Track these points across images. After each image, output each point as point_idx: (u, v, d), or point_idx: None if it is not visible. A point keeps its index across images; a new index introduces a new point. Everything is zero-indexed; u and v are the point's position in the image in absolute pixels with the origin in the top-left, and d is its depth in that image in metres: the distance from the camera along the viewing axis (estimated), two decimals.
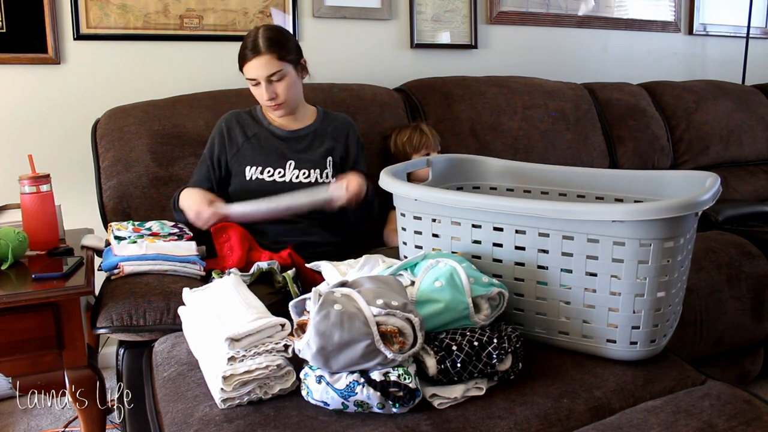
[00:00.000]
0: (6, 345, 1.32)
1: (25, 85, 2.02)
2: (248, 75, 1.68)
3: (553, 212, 1.08)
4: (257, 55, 1.64)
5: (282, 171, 1.72)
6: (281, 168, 1.72)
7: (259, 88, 1.68)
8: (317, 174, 1.73)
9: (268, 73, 1.65)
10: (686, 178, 1.31)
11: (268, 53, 1.64)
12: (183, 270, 1.52)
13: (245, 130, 1.75)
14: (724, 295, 1.76)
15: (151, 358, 1.23)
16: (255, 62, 1.64)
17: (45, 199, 1.57)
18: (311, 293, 0.96)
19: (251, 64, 1.65)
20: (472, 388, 1.00)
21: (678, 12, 3.20)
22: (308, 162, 1.74)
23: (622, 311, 1.08)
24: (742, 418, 0.98)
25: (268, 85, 1.66)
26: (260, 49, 1.64)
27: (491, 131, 2.30)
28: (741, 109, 2.87)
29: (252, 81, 1.68)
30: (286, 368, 1.00)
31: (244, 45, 1.68)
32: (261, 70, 1.65)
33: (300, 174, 1.72)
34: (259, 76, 1.65)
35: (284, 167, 1.72)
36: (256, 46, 1.64)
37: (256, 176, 1.71)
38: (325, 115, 1.83)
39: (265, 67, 1.64)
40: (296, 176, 1.72)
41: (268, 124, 1.77)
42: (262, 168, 1.71)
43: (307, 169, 1.73)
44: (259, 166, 1.71)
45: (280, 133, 1.76)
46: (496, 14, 2.72)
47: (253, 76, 1.66)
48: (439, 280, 1.04)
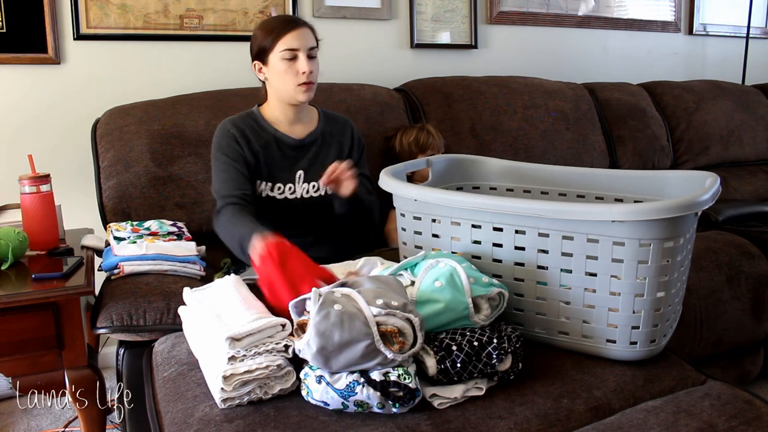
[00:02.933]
0: (6, 345, 1.32)
1: (25, 85, 2.02)
2: (289, 45, 1.56)
3: (552, 212, 1.08)
4: (300, 26, 1.58)
5: (292, 186, 1.66)
6: (291, 183, 1.66)
7: (295, 63, 1.57)
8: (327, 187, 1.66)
9: (311, 45, 1.59)
10: (686, 178, 1.31)
11: (308, 27, 1.60)
12: (183, 270, 1.52)
13: (256, 137, 1.65)
14: (724, 295, 1.76)
15: (151, 358, 1.23)
16: (298, 32, 1.57)
17: (45, 199, 1.57)
18: (311, 293, 0.96)
19: (294, 34, 1.56)
20: (472, 388, 1.00)
21: (678, 12, 3.20)
22: (316, 172, 1.67)
23: (622, 311, 1.08)
24: (742, 418, 0.98)
25: (306, 59, 1.57)
26: (301, 22, 1.60)
27: (491, 131, 2.30)
28: (741, 109, 2.87)
29: (291, 52, 1.56)
30: (286, 368, 1.00)
31: (273, 24, 1.60)
32: (304, 40, 1.57)
33: (310, 188, 1.67)
34: (302, 47, 1.57)
35: (294, 181, 1.67)
36: (294, 20, 1.60)
37: (267, 193, 1.65)
38: (326, 116, 1.78)
39: (307, 38, 1.58)
40: (306, 191, 1.67)
41: (275, 131, 1.67)
42: (272, 184, 1.65)
43: (316, 181, 1.67)
44: (269, 182, 1.65)
45: (289, 141, 1.68)
46: (496, 14, 2.72)
47: (295, 46, 1.56)
48: (439, 280, 1.04)
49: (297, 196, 1.67)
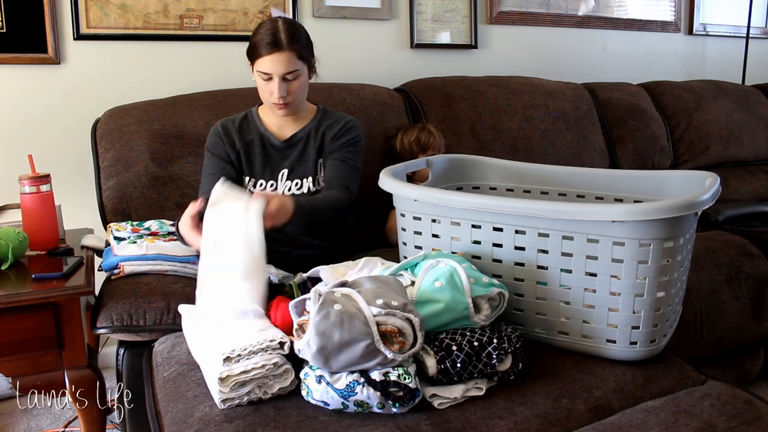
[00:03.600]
0: (6, 345, 1.32)
1: (25, 85, 2.02)
2: (262, 69, 1.55)
3: (552, 212, 1.08)
4: (278, 50, 1.52)
5: (275, 183, 1.65)
6: (273, 180, 1.66)
7: (269, 84, 1.57)
8: (309, 183, 1.66)
9: (286, 71, 1.54)
10: (686, 178, 1.31)
11: (289, 50, 1.53)
12: (183, 270, 1.52)
13: (242, 135, 1.67)
14: (724, 295, 1.76)
15: (151, 358, 1.23)
16: (274, 57, 1.53)
17: (45, 199, 1.57)
18: (311, 293, 0.96)
19: (269, 58, 1.53)
20: (472, 388, 1.00)
21: (678, 12, 3.20)
22: (300, 171, 1.67)
23: (621, 311, 1.08)
24: (742, 418, 0.98)
25: (281, 82, 1.55)
26: (282, 44, 1.52)
27: (491, 131, 2.30)
28: (741, 109, 2.87)
29: (265, 75, 1.56)
30: (284, 366, 1.00)
31: (259, 37, 1.55)
32: (279, 67, 1.53)
33: (293, 185, 1.66)
34: (275, 72, 1.54)
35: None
36: (277, 41, 1.52)
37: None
38: (324, 114, 1.74)
39: (284, 64, 1.53)
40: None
41: (264, 130, 1.68)
42: (255, 180, 1.66)
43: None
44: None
45: (275, 142, 1.67)
46: (496, 14, 2.72)
47: (268, 71, 1.54)
48: (440, 280, 1.04)
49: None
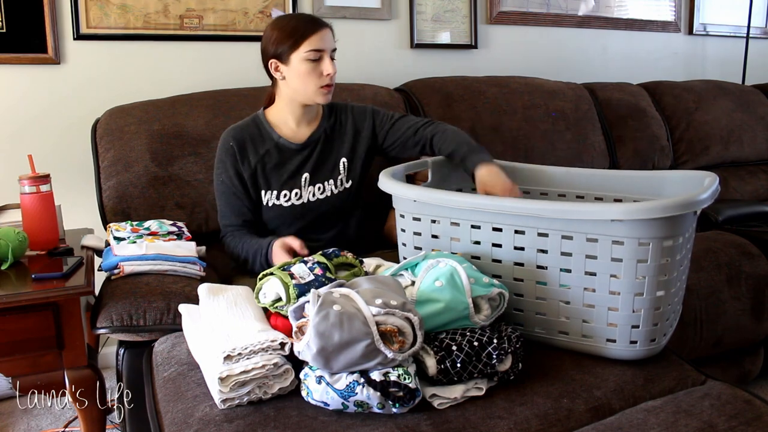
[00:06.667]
0: (6, 345, 1.32)
1: (25, 85, 2.02)
2: (314, 47, 1.53)
3: (552, 212, 1.08)
4: (323, 26, 1.56)
5: (298, 192, 1.65)
6: (297, 188, 1.64)
7: (318, 66, 1.55)
8: (331, 186, 1.66)
9: (334, 46, 1.58)
10: (685, 178, 1.31)
11: (330, 28, 1.58)
12: (183, 270, 1.52)
13: (256, 147, 1.63)
14: (724, 295, 1.76)
15: (151, 358, 1.23)
16: (323, 33, 1.55)
17: (45, 199, 1.57)
18: (310, 295, 0.96)
19: (319, 35, 1.54)
20: (472, 388, 1.00)
21: (678, 12, 3.20)
22: (321, 174, 1.67)
23: (621, 310, 1.08)
24: (742, 418, 0.98)
25: (330, 60, 1.56)
26: (324, 22, 1.57)
27: (491, 131, 2.30)
28: (741, 109, 2.87)
29: (317, 53, 1.54)
30: (284, 366, 1.00)
31: (295, 23, 1.56)
32: (329, 42, 1.56)
33: (315, 190, 1.66)
34: (328, 48, 1.55)
35: (300, 186, 1.65)
36: (317, 20, 1.57)
37: (273, 202, 1.64)
38: (330, 109, 1.72)
39: (331, 40, 1.57)
40: (312, 194, 1.65)
41: (278, 137, 1.65)
42: (277, 192, 1.64)
43: (322, 183, 1.66)
44: (275, 190, 1.64)
45: (291, 146, 1.65)
46: (496, 14, 2.72)
47: (321, 47, 1.54)
48: (440, 279, 1.04)
49: (304, 200, 1.66)
